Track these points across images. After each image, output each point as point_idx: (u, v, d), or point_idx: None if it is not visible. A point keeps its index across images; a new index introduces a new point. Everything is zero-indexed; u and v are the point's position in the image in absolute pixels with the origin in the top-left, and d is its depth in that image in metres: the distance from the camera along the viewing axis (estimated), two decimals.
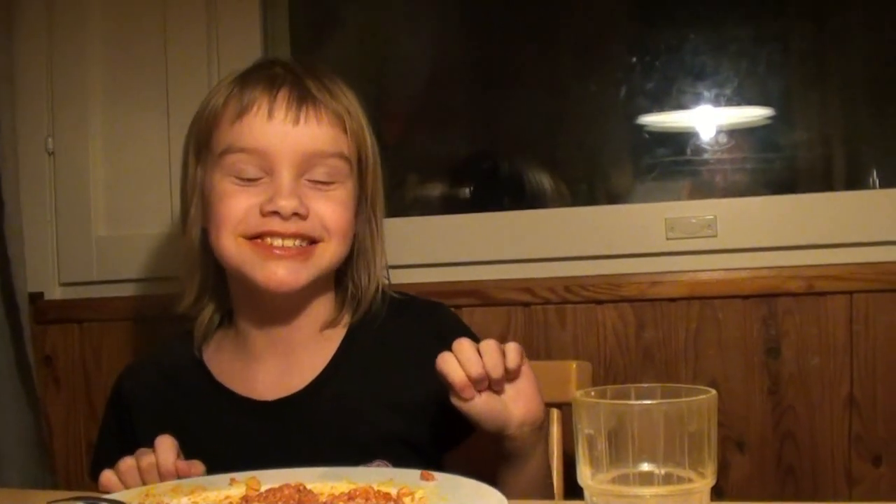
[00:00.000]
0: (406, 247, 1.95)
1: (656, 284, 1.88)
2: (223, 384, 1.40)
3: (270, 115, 1.30)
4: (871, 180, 2.08)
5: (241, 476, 1.16)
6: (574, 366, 1.59)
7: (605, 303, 1.89)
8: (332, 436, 1.34)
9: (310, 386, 1.36)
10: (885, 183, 2.04)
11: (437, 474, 1.12)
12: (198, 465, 1.23)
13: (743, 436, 1.87)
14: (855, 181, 2.10)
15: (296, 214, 1.29)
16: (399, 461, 1.28)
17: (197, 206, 1.38)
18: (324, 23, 2.26)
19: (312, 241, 1.32)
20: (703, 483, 0.90)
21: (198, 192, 1.38)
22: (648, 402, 0.90)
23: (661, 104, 2.10)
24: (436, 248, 1.98)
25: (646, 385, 0.95)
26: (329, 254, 1.34)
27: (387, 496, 1.07)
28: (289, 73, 1.35)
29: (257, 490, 1.12)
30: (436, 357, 1.16)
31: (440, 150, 2.23)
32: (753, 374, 1.87)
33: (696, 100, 2.07)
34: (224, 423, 1.38)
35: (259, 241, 1.31)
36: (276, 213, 1.29)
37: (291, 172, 1.30)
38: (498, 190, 2.17)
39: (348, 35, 2.26)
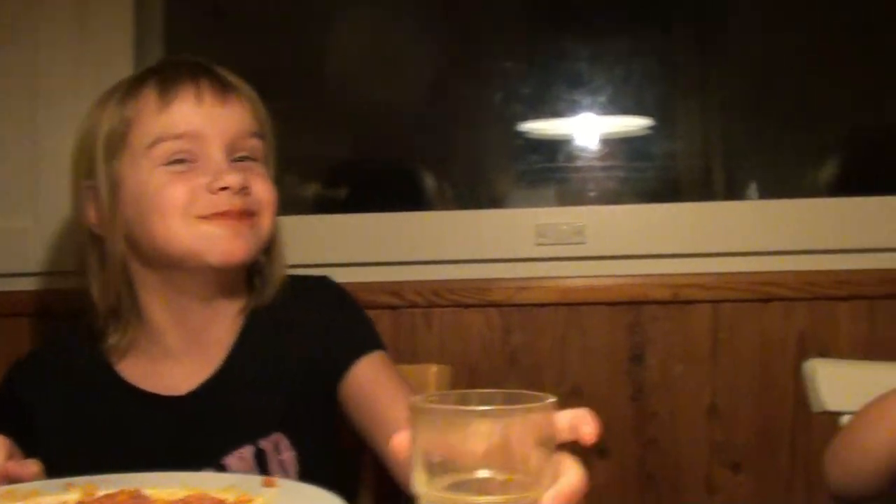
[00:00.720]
0: None
1: (524, 290, 1.88)
2: (132, 383, 1.40)
3: (199, 99, 1.35)
4: (744, 191, 2.12)
5: (78, 481, 1.11)
6: (434, 370, 1.58)
7: (473, 307, 1.88)
8: (242, 416, 1.36)
9: (216, 374, 1.38)
10: (754, 194, 2.08)
11: (279, 480, 1.10)
12: (31, 466, 1.18)
13: (605, 442, 1.87)
14: (727, 192, 2.14)
15: (242, 189, 1.33)
16: (299, 432, 1.35)
17: (120, 213, 1.36)
18: (202, 20, 2.22)
19: (253, 216, 1.36)
20: (541, 491, 0.89)
21: (117, 199, 1.36)
22: (485, 408, 0.88)
23: (542, 111, 2.10)
24: (303, 248, 1.94)
25: (487, 391, 0.93)
26: (266, 227, 1.38)
27: (221, 503, 1.04)
28: (201, 65, 1.40)
29: (93, 495, 1.08)
30: (328, 326, 1.35)
31: (317, 150, 2.20)
32: (617, 381, 1.88)
33: (577, 108, 2.09)
34: (132, 422, 1.37)
35: (213, 218, 1.33)
36: (225, 189, 1.32)
37: (223, 152, 1.34)
38: (373, 191, 2.15)
39: (228, 34, 2.22)
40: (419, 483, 0.90)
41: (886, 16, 2.16)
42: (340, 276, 1.89)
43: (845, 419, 1.44)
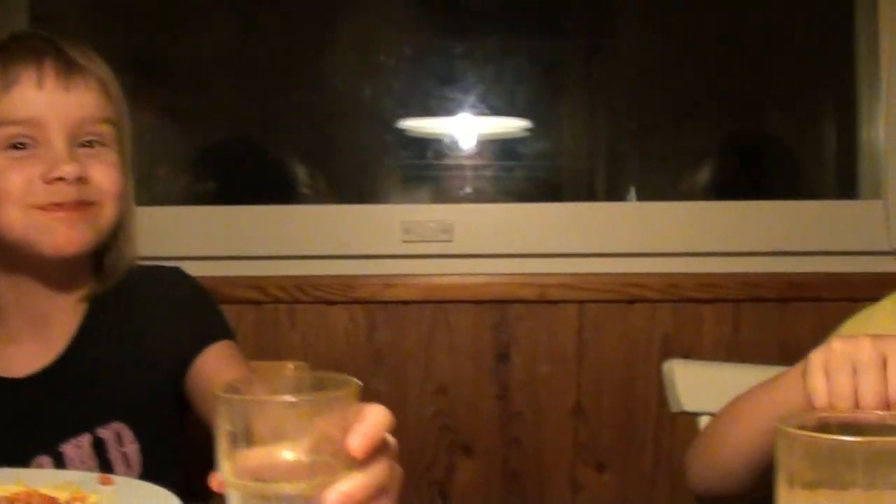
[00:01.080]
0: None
1: (390, 287, 1.86)
2: None
3: (40, 84, 1.30)
4: (624, 194, 2.14)
5: None
6: (291, 367, 1.55)
7: (337, 304, 1.86)
8: (81, 403, 1.33)
9: (57, 359, 1.35)
10: (633, 197, 2.10)
11: (116, 478, 1.08)
12: None
13: (470, 440, 1.87)
14: (608, 194, 2.16)
15: (79, 179, 1.29)
16: (143, 424, 1.32)
17: None
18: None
19: (92, 206, 1.32)
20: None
21: None
22: (287, 398, 0.86)
23: (420, 109, 2.09)
24: (166, 240, 1.90)
25: (295, 374, 0.91)
26: (107, 216, 1.34)
27: (52, 500, 1.01)
28: (48, 43, 1.34)
29: None
30: (175, 316, 1.31)
31: (188, 140, 2.17)
32: (483, 380, 1.87)
33: (456, 107, 2.08)
34: None
35: (49, 208, 1.29)
36: (60, 179, 1.28)
37: (65, 139, 1.30)
38: (244, 184, 2.11)
39: (99, 9, 2.18)
40: (225, 472, 0.88)
41: (762, 27, 2.20)
42: (203, 270, 1.85)
43: (703, 420, 1.45)
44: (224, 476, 0.89)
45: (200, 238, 1.92)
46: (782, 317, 1.88)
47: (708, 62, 2.22)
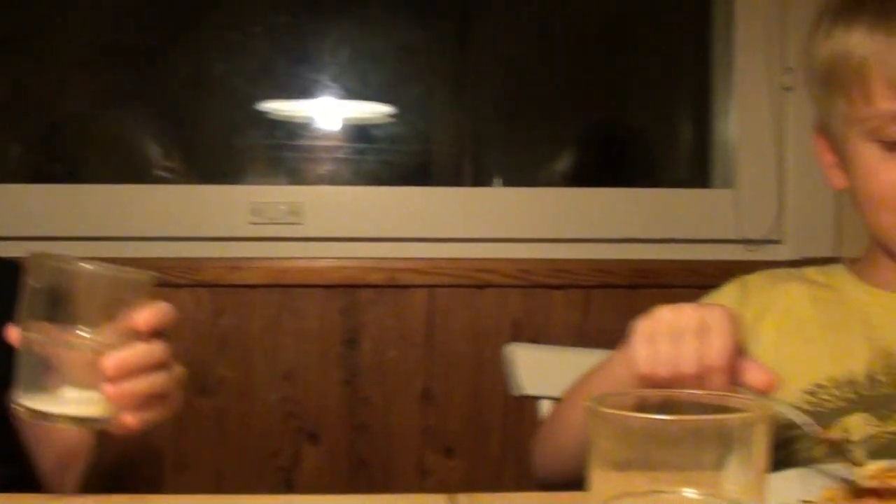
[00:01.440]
0: None
1: (236, 270, 1.83)
2: None
3: None
4: (489, 180, 2.14)
5: None
6: None
7: (183, 287, 1.82)
8: None
9: None
10: (480, 182, 2.10)
11: None
12: None
13: (317, 427, 1.85)
14: (475, 180, 2.16)
15: None
16: None
17: None
18: None
19: None
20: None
21: None
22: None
23: (281, 90, 2.06)
24: (10, 220, 1.85)
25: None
26: None
27: None
28: None
29: None
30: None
31: (39, 118, 2.10)
32: (330, 365, 1.85)
33: (318, 90, 2.05)
34: None
35: None
36: None
37: None
38: (93, 162, 2.06)
39: None
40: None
41: (625, 18, 2.22)
42: (47, 250, 1.81)
43: (544, 404, 1.45)
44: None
45: (45, 218, 1.86)
46: (632, 303, 1.89)
47: (573, 52, 2.23)
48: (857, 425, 1.12)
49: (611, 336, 1.37)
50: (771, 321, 1.20)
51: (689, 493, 0.67)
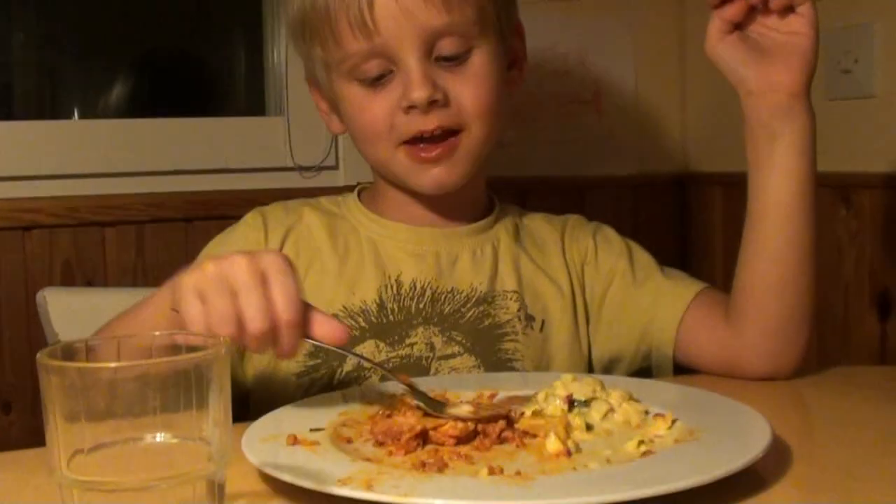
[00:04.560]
0: None
1: None
2: None
3: None
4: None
5: None
6: None
7: None
8: None
9: None
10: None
11: None
12: None
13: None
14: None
15: None
16: None
17: None
18: None
19: None
20: None
21: None
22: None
23: None
24: None
25: None
26: None
27: None
28: None
29: None
30: None
31: None
32: None
33: None
34: None
35: None
36: None
37: None
38: None
39: None
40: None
41: None
42: None
43: None
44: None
45: None
46: (187, 236, 1.88)
47: None
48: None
49: (168, 272, 1.36)
50: (291, 251, 1.24)
51: (161, 436, 0.69)
